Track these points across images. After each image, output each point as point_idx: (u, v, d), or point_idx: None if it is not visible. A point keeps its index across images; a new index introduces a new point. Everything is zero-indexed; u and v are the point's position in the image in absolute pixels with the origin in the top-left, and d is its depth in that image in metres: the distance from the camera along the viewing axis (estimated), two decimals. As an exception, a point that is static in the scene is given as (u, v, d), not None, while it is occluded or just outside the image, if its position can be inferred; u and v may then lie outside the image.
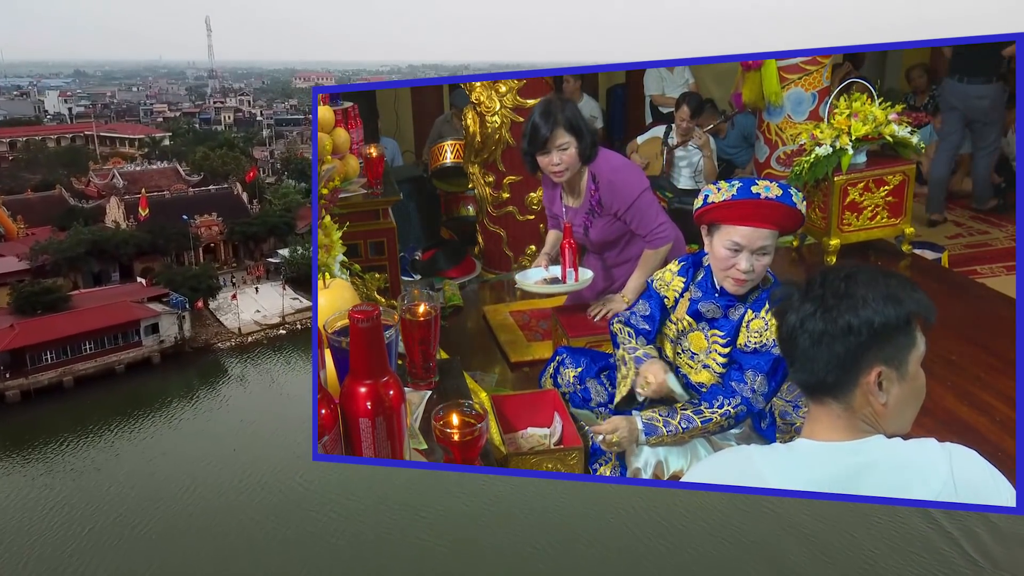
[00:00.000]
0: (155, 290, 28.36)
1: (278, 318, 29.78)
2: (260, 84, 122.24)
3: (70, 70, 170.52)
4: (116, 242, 30.55)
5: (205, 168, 41.59)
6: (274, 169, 47.86)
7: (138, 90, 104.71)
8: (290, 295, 31.31)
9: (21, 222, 33.38)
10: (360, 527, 15.98)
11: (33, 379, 23.60)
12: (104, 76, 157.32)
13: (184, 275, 29.23)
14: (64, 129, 59.62)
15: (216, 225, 34.02)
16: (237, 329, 28.61)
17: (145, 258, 31.48)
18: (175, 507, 16.92)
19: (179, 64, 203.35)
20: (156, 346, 26.26)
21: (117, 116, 71.84)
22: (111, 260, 30.76)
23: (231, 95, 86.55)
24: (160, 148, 51.26)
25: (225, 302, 30.11)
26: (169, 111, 74.82)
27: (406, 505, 16.51)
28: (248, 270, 34.43)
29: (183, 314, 27.10)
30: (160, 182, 38.34)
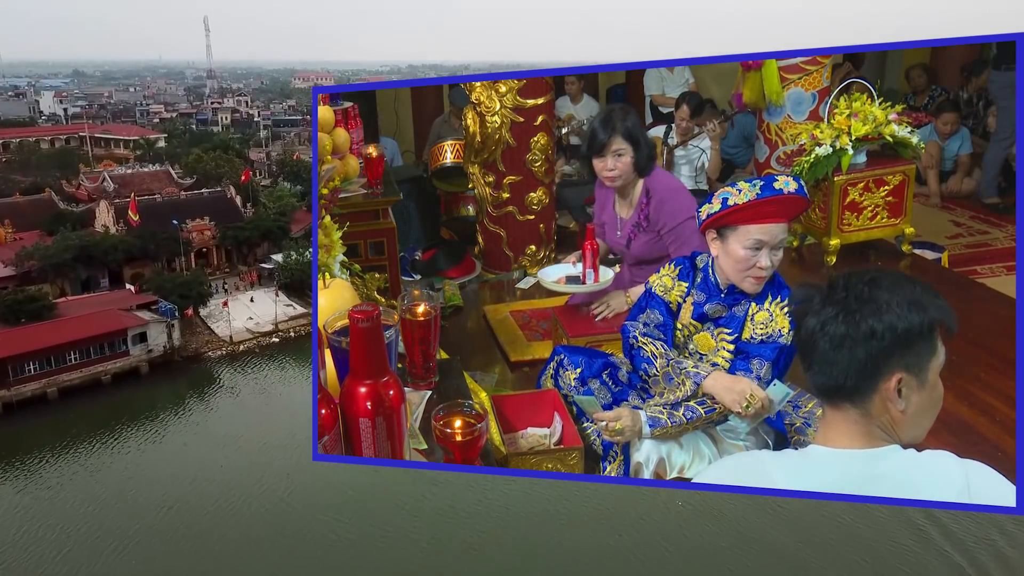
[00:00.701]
0: (144, 297, 27.26)
1: (271, 325, 28.77)
2: (259, 84, 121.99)
3: (69, 70, 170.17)
4: (104, 248, 29.63)
5: (198, 171, 40.56)
6: (270, 171, 47.09)
7: (135, 91, 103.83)
8: (284, 302, 30.44)
9: (9, 226, 32.35)
10: (352, 542, 15.44)
11: (15, 391, 22.52)
12: (103, 76, 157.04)
13: (174, 282, 28.20)
14: (58, 130, 58.69)
15: (208, 229, 33.05)
16: (228, 337, 27.60)
17: (135, 264, 30.56)
18: (155, 525, 16.18)
19: (178, 64, 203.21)
20: (144, 355, 25.20)
21: (113, 117, 71.21)
22: (100, 266, 29.79)
23: (229, 96, 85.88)
24: (154, 150, 50.40)
25: (217, 309, 28.96)
26: (166, 112, 74.15)
27: (399, 512, 16.17)
28: (241, 276, 33.39)
29: (172, 322, 26.12)
30: (152, 185, 37.34)
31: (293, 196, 38.07)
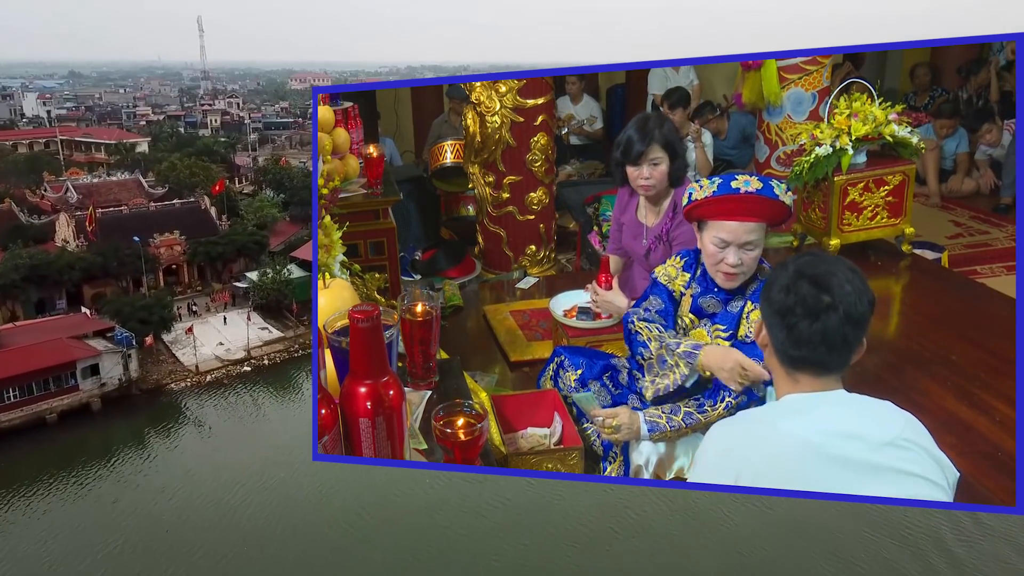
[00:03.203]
0: (100, 323, 24.20)
1: (243, 352, 25.72)
2: (255, 86, 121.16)
3: (65, 71, 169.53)
4: (59, 266, 26.46)
5: (171, 179, 37.20)
6: (254, 178, 44.07)
7: (125, 92, 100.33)
8: (259, 324, 27.49)
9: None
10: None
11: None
12: (99, 77, 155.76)
13: (134, 305, 25.16)
14: (36, 134, 55.38)
15: (178, 244, 30.15)
16: (194, 367, 24.53)
17: (97, 283, 27.76)
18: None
19: (176, 66, 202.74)
20: (96, 390, 22.25)
21: (99, 119, 67.82)
22: (55, 286, 26.80)
23: (220, 97, 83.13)
24: (133, 155, 46.64)
25: (184, 334, 26.08)
26: (153, 114, 70.69)
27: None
28: (212, 296, 30.06)
29: (129, 352, 23.09)
30: (120, 195, 34.24)
31: (274, 206, 35.61)
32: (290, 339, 27.10)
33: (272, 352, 26.07)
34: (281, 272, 28.42)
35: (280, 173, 40.47)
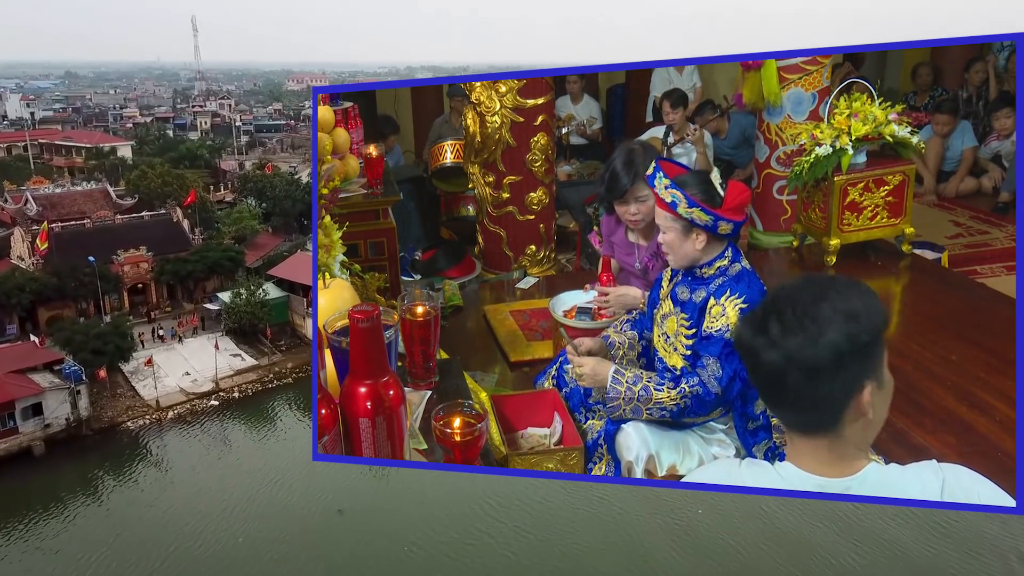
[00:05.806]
0: (49, 354, 21.62)
1: (211, 383, 23.27)
2: (252, 86, 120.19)
3: (62, 71, 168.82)
4: (8, 288, 24.03)
5: (142, 189, 33.72)
6: (235, 186, 40.58)
7: (116, 93, 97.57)
8: (231, 351, 24.93)
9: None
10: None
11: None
12: (96, 77, 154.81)
13: (87, 332, 22.26)
14: (15, 137, 52.06)
15: (145, 261, 27.73)
16: (155, 401, 22.06)
17: (53, 305, 25.27)
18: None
19: (174, 66, 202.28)
20: (39, 432, 19.96)
21: (84, 122, 64.32)
22: (3, 310, 24.33)
23: (212, 98, 79.72)
24: (111, 160, 42.87)
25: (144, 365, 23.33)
26: (140, 116, 66.95)
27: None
28: (180, 320, 27.41)
29: (78, 388, 20.61)
30: (85, 207, 31.15)
31: (254, 217, 33.08)
32: (264, 367, 24.66)
33: (244, 383, 23.63)
34: (255, 293, 25.91)
35: (263, 181, 36.86)
